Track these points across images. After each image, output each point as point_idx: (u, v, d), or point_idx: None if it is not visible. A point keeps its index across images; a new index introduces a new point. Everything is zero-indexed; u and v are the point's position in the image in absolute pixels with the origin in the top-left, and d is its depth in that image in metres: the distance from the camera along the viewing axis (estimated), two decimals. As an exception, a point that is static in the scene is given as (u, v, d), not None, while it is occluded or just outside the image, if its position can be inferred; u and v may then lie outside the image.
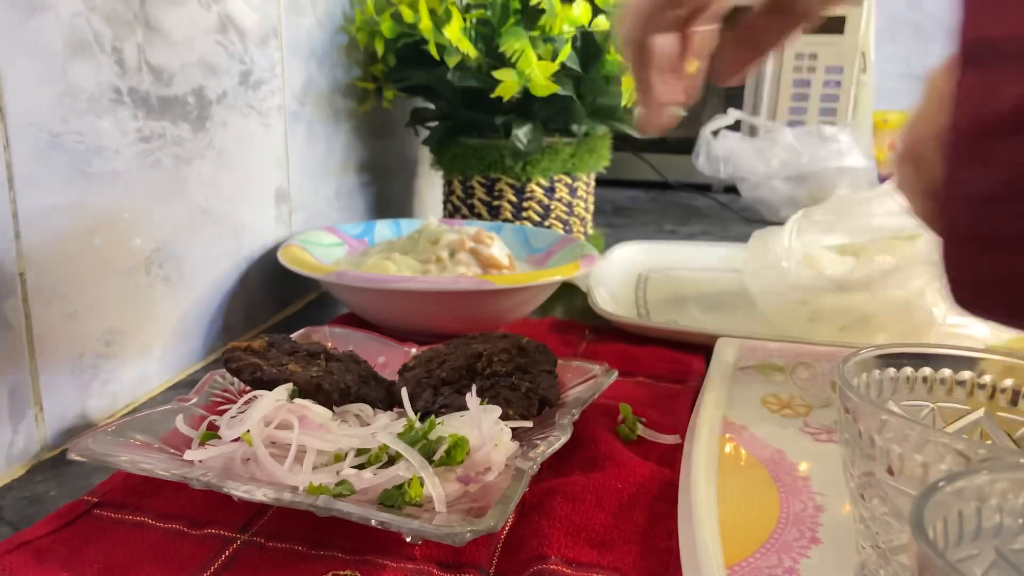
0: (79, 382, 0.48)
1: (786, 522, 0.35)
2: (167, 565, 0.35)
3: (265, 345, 0.48)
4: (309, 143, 0.77)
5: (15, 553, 0.35)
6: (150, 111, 0.52)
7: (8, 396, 0.43)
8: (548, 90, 0.77)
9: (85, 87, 0.46)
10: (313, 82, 0.77)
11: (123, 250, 0.51)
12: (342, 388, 0.44)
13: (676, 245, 0.92)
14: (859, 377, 0.30)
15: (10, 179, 0.42)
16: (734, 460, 0.41)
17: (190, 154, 0.57)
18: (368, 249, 0.76)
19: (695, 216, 1.32)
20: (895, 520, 0.26)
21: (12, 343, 0.43)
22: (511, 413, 0.42)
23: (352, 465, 0.37)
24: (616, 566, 0.35)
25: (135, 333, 0.53)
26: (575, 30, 0.81)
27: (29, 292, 0.44)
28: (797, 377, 0.52)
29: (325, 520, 0.36)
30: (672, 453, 0.45)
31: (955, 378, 0.31)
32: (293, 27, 0.72)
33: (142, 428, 0.40)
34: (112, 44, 0.48)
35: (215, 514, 0.39)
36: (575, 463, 0.44)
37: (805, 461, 0.41)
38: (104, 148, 0.48)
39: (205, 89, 0.58)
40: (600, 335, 0.67)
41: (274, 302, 0.72)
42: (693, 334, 0.63)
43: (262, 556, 0.36)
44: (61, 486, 0.42)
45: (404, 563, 0.35)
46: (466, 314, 0.61)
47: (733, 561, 0.32)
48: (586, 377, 0.49)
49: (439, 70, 0.82)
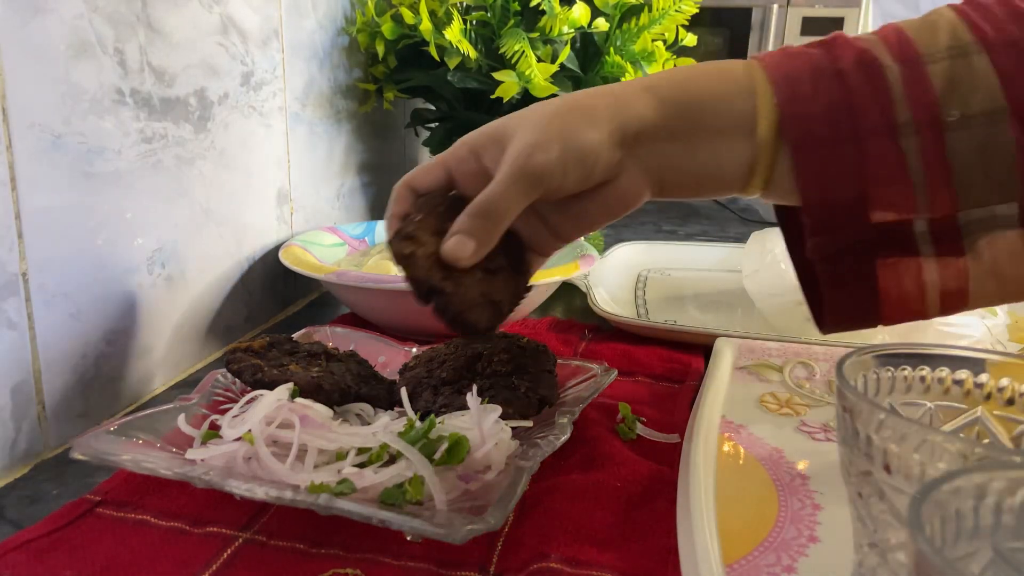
0: (81, 381, 0.48)
1: (784, 520, 0.35)
2: (169, 563, 0.35)
3: (266, 345, 0.48)
4: (310, 144, 0.77)
5: (18, 551, 0.36)
6: (152, 112, 0.52)
7: (11, 395, 0.43)
8: (548, 91, 0.77)
9: (87, 88, 0.46)
10: (314, 83, 0.78)
11: (125, 250, 0.51)
12: (343, 388, 0.44)
13: (675, 245, 0.93)
14: (857, 377, 0.30)
15: (13, 179, 0.42)
16: (733, 459, 0.41)
17: (192, 155, 0.57)
18: (369, 249, 0.76)
19: (694, 216, 1.32)
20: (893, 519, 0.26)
21: (15, 342, 0.43)
22: (511, 413, 0.42)
23: (353, 464, 0.37)
24: (615, 564, 0.35)
25: (137, 332, 0.53)
26: (574, 31, 0.81)
27: (32, 292, 0.44)
28: (795, 376, 0.52)
29: (326, 519, 0.36)
30: (671, 452, 0.45)
31: (952, 378, 0.31)
32: (294, 29, 0.73)
33: (144, 427, 0.40)
34: (114, 45, 0.48)
35: (217, 513, 0.39)
36: (575, 462, 0.44)
37: (803, 460, 0.41)
38: (106, 149, 0.48)
39: (207, 90, 0.58)
40: (599, 335, 0.67)
41: (275, 302, 0.72)
42: (692, 334, 0.63)
43: (264, 554, 0.36)
44: (63, 485, 0.42)
45: (405, 561, 0.36)
46: (466, 314, 0.61)
47: (732, 559, 0.32)
48: (585, 376, 0.50)
49: (439, 71, 0.82)
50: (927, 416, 0.32)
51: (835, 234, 0.36)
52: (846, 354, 0.30)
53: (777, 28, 2.11)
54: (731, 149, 0.38)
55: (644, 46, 0.83)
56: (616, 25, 0.83)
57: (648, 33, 0.83)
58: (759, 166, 0.38)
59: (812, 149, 0.36)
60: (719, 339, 0.58)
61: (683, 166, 0.39)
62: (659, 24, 0.83)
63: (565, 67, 0.80)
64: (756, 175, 0.38)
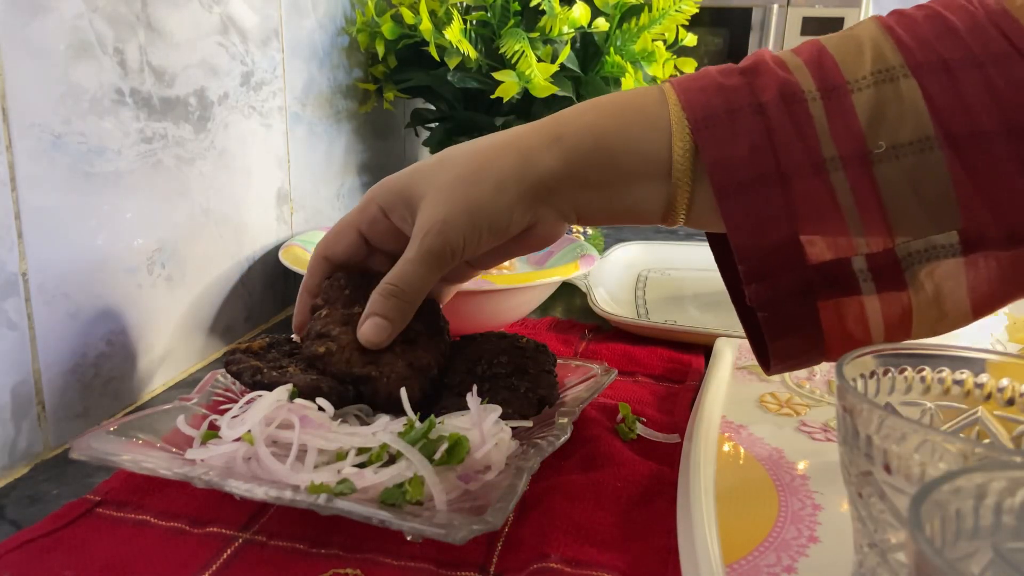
0: (81, 381, 0.48)
1: (784, 521, 0.35)
2: (169, 563, 0.35)
3: (265, 346, 0.48)
4: (310, 144, 0.78)
5: (18, 552, 0.36)
6: (152, 112, 0.52)
7: (11, 395, 0.43)
8: (547, 91, 0.77)
9: (87, 88, 0.46)
10: (314, 83, 0.78)
11: (125, 250, 0.51)
12: (340, 391, 0.44)
13: (675, 245, 0.93)
14: (857, 377, 0.30)
15: (12, 179, 0.42)
16: (733, 459, 0.41)
17: (192, 155, 0.57)
18: (368, 249, 0.76)
19: (694, 217, 1.31)
20: (893, 519, 0.26)
21: (15, 342, 0.43)
22: (511, 413, 0.42)
23: (353, 464, 0.37)
24: (615, 564, 0.35)
25: (137, 332, 0.53)
26: (574, 31, 0.81)
27: (31, 292, 0.44)
28: (795, 377, 0.52)
29: (326, 519, 0.36)
30: (671, 452, 0.45)
31: (952, 378, 0.31)
32: (294, 28, 0.73)
33: (144, 427, 0.40)
34: (114, 45, 0.48)
35: (217, 513, 0.39)
36: (575, 462, 0.44)
37: (803, 460, 0.41)
38: (106, 149, 0.48)
39: (207, 90, 0.58)
40: (599, 335, 0.67)
41: (275, 302, 0.72)
42: (692, 334, 0.63)
43: (263, 554, 0.36)
44: (63, 485, 0.42)
45: (405, 561, 0.36)
46: (466, 314, 0.61)
47: (732, 559, 0.32)
48: (585, 377, 0.50)
49: (439, 71, 0.82)
50: (927, 416, 0.32)
51: (773, 279, 0.35)
52: (846, 354, 0.30)
53: (777, 28, 2.11)
54: (647, 190, 0.38)
55: (644, 46, 0.84)
56: (616, 25, 0.83)
57: (648, 33, 0.83)
58: (678, 204, 0.37)
59: (738, 195, 0.35)
60: (719, 339, 0.58)
61: (599, 208, 0.39)
62: (659, 24, 0.83)
63: (565, 67, 0.80)
64: (676, 211, 0.38)
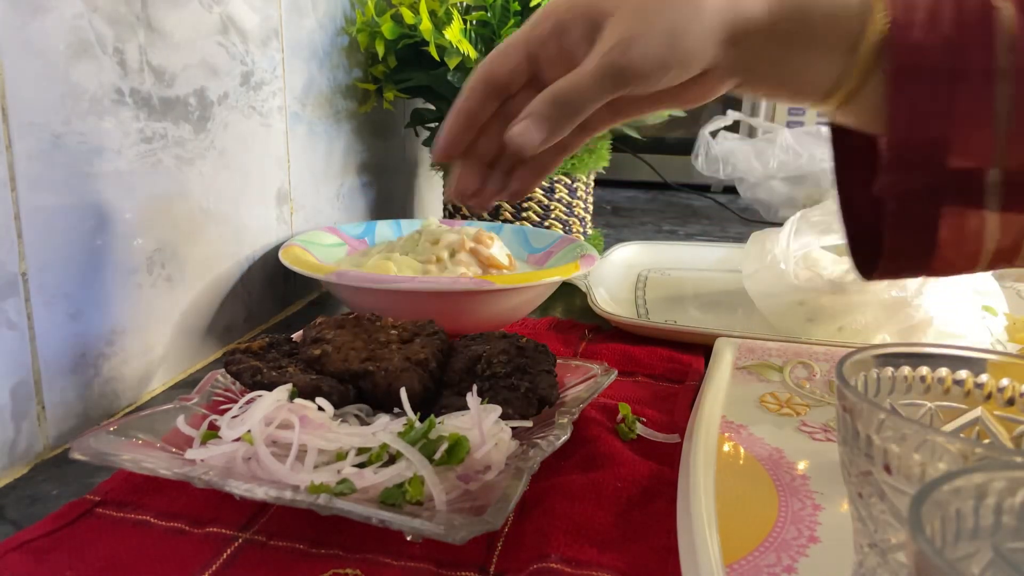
0: (81, 381, 0.48)
1: (785, 521, 0.35)
2: (169, 563, 0.35)
3: (265, 346, 0.48)
4: (310, 144, 0.77)
5: (17, 552, 0.35)
6: (152, 112, 0.52)
7: (11, 395, 0.43)
8: (548, 91, 0.77)
9: (87, 88, 0.46)
10: (314, 83, 0.78)
11: (125, 250, 0.51)
12: (341, 391, 0.44)
13: (675, 245, 0.93)
14: (857, 377, 0.30)
15: (12, 179, 0.42)
16: (733, 459, 0.41)
17: (191, 155, 0.57)
18: (369, 249, 0.76)
19: (694, 216, 1.32)
20: (893, 519, 0.26)
21: (15, 342, 0.43)
22: (511, 413, 0.42)
23: (353, 464, 0.37)
24: (615, 564, 0.35)
25: (137, 333, 0.53)
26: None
27: (31, 292, 0.44)
28: (795, 377, 0.52)
29: (326, 519, 0.36)
30: (671, 452, 0.45)
31: (952, 378, 0.31)
32: (294, 28, 0.73)
33: (144, 427, 0.40)
34: (114, 45, 0.48)
35: (217, 513, 0.39)
36: (575, 462, 0.44)
37: (803, 460, 0.41)
38: (106, 149, 0.48)
39: (206, 90, 0.58)
40: (599, 335, 0.67)
41: (275, 302, 0.72)
42: (692, 334, 0.63)
43: (263, 554, 0.36)
44: (63, 485, 0.42)
45: (405, 561, 0.36)
46: (466, 314, 0.61)
47: (732, 559, 0.32)
48: (585, 377, 0.50)
49: (439, 71, 0.82)
50: (927, 416, 0.32)
51: (911, 173, 0.35)
52: (846, 354, 0.30)
53: None
54: (826, 60, 0.36)
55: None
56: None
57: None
58: (848, 84, 0.36)
59: (912, 82, 0.34)
60: (719, 339, 0.58)
61: (773, 68, 0.38)
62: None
63: (565, 67, 0.80)
64: (840, 92, 0.37)
